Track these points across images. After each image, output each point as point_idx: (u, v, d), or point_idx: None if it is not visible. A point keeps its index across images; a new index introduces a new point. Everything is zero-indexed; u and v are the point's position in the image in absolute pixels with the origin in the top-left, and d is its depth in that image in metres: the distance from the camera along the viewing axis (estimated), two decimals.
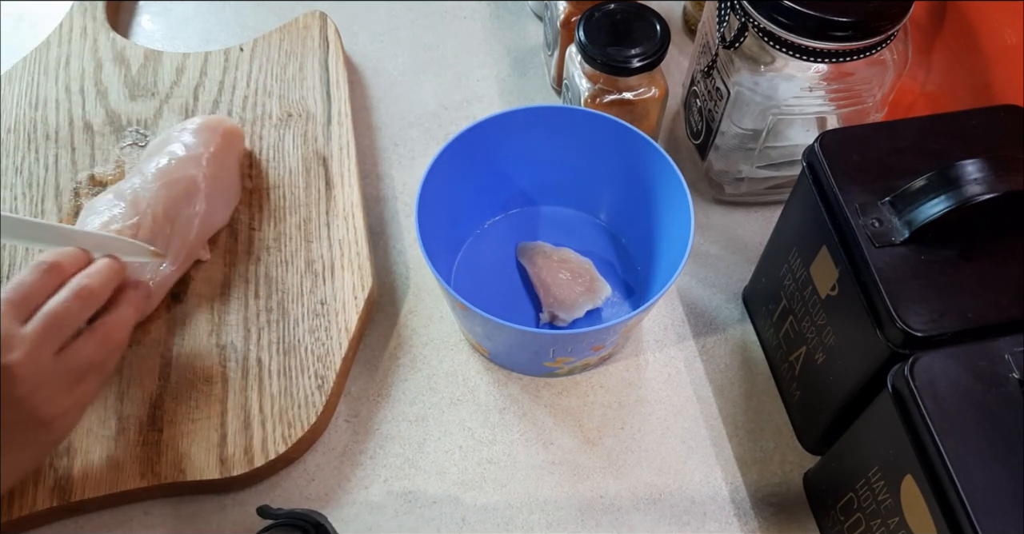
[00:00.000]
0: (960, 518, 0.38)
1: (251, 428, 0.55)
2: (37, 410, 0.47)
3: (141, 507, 0.55)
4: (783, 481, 0.57)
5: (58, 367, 0.48)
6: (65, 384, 0.48)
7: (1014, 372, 0.41)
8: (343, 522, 0.55)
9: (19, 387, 0.46)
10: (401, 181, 0.69)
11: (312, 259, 0.62)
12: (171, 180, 0.59)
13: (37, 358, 0.46)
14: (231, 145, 0.63)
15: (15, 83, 0.70)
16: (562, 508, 0.56)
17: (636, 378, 0.60)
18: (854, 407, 0.48)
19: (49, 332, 0.47)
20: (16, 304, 0.47)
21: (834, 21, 0.51)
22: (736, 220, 0.68)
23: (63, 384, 0.48)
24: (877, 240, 0.45)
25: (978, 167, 0.43)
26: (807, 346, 0.53)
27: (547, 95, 0.74)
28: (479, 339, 0.58)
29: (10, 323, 0.46)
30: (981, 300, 0.44)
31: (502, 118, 0.58)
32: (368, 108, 0.73)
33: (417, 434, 0.58)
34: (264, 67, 0.71)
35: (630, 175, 0.60)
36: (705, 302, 0.64)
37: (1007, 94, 0.55)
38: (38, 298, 0.48)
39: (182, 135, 0.62)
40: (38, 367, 0.47)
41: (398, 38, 0.78)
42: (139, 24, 0.79)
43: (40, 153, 0.66)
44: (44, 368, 0.47)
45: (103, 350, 0.50)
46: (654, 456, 0.57)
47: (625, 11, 0.60)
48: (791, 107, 0.58)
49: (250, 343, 0.58)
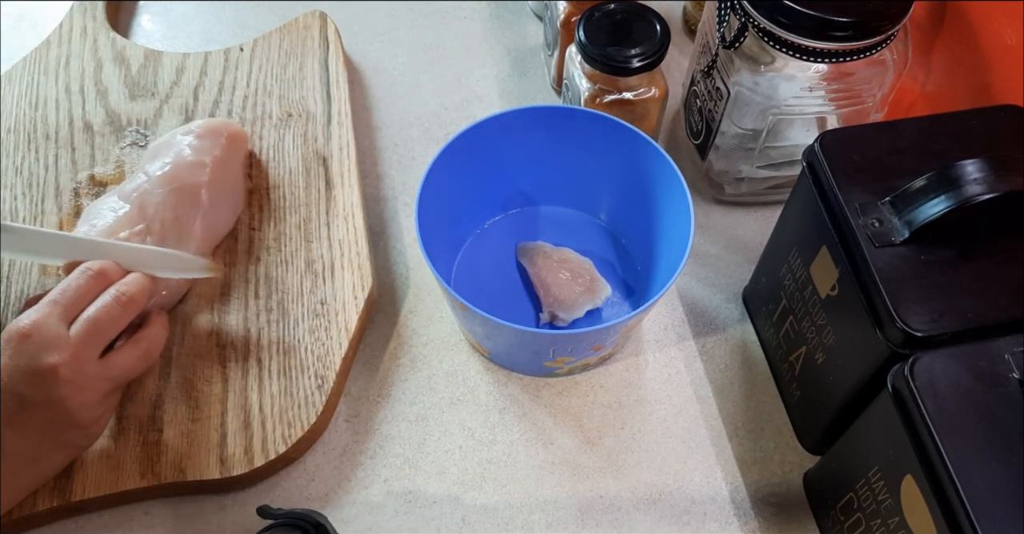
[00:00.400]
0: (960, 518, 0.38)
1: (251, 428, 0.55)
2: (75, 413, 0.48)
3: (141, 507, 0.55)
4: (783, 481, 0.57)
5: (100, 372, 0.50)
6: (103, 390, 0.50)
7: (1014, 372, 0.41)
8: (343, 522, 0.55)
9: (62, 388, 0.47)
10: (401, 181, 0.69)
11: (312, 259, 0.62)
12: (178, 186, 0.59)
13: (80, 361, 0.48)
14: (236, 149, 0.63)
15: (15, 83, 0.70)
16: (562, 508, 0.56)
17: (636, 378, 0.60)
18: (854, 407, 0.48)
19: (92, 336, 0.49)
20: (64, 306, 0.49)
21: (834, 21, 0.51)
22: (736, 220, 0.68)
23: (101, 390, 0.50)
24: (877, 240, 0.45)
25: (978, 167, 0.43)
26: (807, 346, 0.53)
27: (547, 95, 0.74)
28: (479, 339, 0.58)
29: (58, 325, 0.48)
30: (981, 300, 0.43)
31: (502, 118, 0.58)
32: (368, 108, 0.73)
33: (417, 434, 0.58)
34: (264, 67, 0.71)
35: (630, 175, 0.60)
36: (705, 302, 0.64)
37: (1007, 94, 0.55)
38: (83, 302, 0.50)
39: (187, 138, 0.62)
40: (81, 370, 0.48)
41: (398, 38, 0.78)
42: (139, 24, 0.79)
43: (40, 153, 0.66)
44: (87, 371, 0.49)
45: (143, 362, 0.52)
46: (654, 456, 0.57)
47: (625, 11, 0.60)
48: (791, 107, 0.58)
49: (250, 343, 0.58)
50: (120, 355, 0.51)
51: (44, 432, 0.48)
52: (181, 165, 0.60)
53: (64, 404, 0.48)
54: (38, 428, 0.48)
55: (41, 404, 0.47)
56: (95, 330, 0.49)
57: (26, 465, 0.49)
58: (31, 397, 0.47)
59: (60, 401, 0.48)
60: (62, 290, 0.50)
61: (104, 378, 0.50)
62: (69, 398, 0.48)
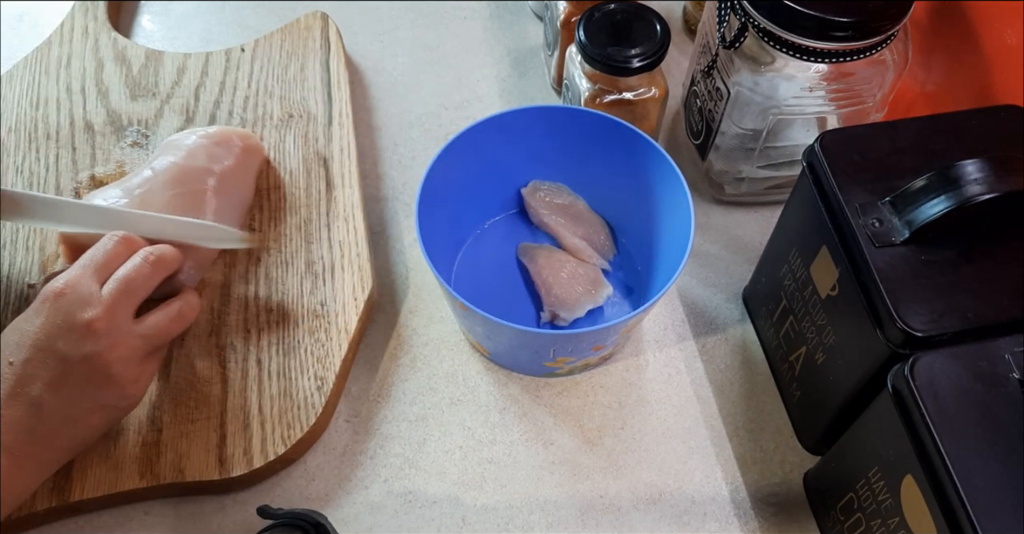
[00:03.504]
0: (960, 518, 0.38)
1: (250, 429, 0.55)
2: (111, 367, 0.50)
3: (141, 507, 0.55)
4: (783, 481, 0.57)
5: (136, 330, 0.51)
6: (139, 348, 0.51)
7: (1014, 372, 0.41)
8: (343, 522, 0.55)
9: (99, 342, 0.49)
10: (401, 181, 0.69)
11: (312, 260, 0.62)
12: (183, 191, 0.59)
13: (113, 316, 0.50)
14: (249, 161, 0.63)
15: (16, 82, 0.70)
16: (562, 508, 0.56)
17: (636, 378, 0.60)
18: (854, 407, 0.48)
19: (124, 293, 0.51)
20: (95, 268, 0.52)
21: (834, 21, 0.51)
22: (736, 220, 0.68)
23: (137, 348, 0.51)
24: (877, 240, 0.45)
25: (978, 167, 0.43)
26: (807, 346, 0.53)
27: (547, 95, 0.74)
28: (479, 339, 0.58)
29: (90, 284, 0.50)
30: (981, 300, 0.43)
31: (502, 118, 0.58)
32: (368, 108, 0.73)
33: (417, 434, 0.58)
34: (265, 68, 0.71)
35: (630, 175, 0.60)
36: (705, 302, 0.64)
37: (1007, 94, 0.55)
38: (112, 264, 0.52)
39: (203, 142, 0.61)
40: (115, 324, 0.50)
41: (398, 38, 0.78)
42: (140, 24, 0.79)
43: (41, 153, 0.66)
44: (121, 326, 0.50)
45: (177, 324, 0.54)
46: (654, 456, 0.57)
47: (625, 11, 0.60)
48: (791, 107, 0.58)
49: (250, 344, 0.58)
50: (154, 316, 0.53)
51: (83, 390, 0.49)
52: (190, 170, 0.60)
53: (101, 358, 0.49)
54: (77, 386, 0.49)
55: (78, 361, 0.49)
56: (126, 288, 0.51)
57: (64, 424, 0.50)
58: (68, 354, 0.48)
59: (96, 356, 0.49)
60: (91, 255, 0.52)
61: (139, 335, 0.51)
62: (105, 352, 0.49)
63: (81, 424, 0.50)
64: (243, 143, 0.63)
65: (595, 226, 0.64)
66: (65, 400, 0.49)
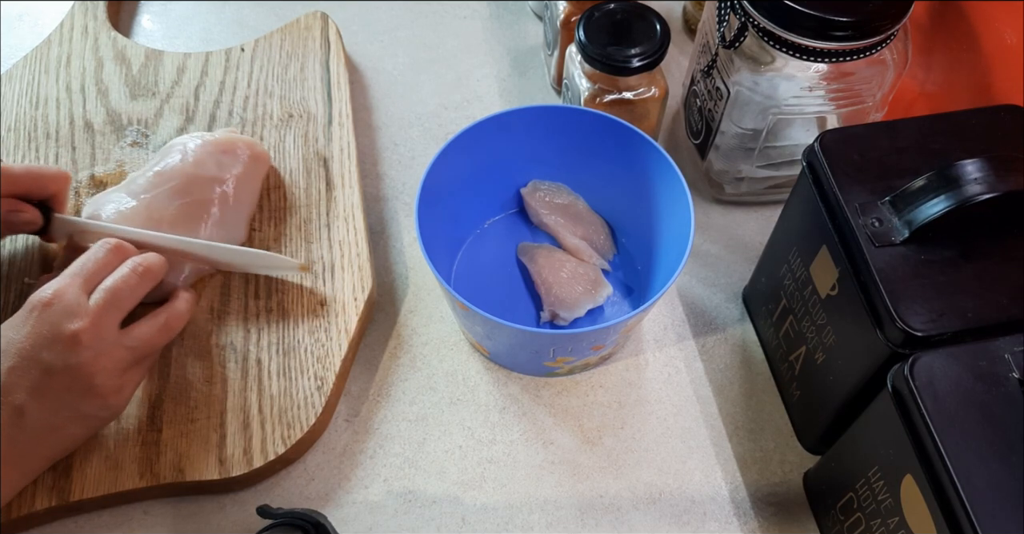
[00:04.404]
0: (960, 518, 0.38)
1: (250, 429, 0.55)
2: (94, 378, 0.50)
3: (141, 507, 0.55)
4: (783, 481, 0.57)
5: (121, 340, 0.51)
6: (123, 359, 0.51)
7: (1014, 372, 0.41)
8: (343, 522, 0.55)
9: (83, 353, 0.49)
10: (401, 181, 0.69)
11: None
12: (190, 200, 0.59)
13: (100, 327, 0.50)
14: (256, 170, 0.63)
15: (16, 82, 0.70)
16: (562, 508, 0.56)
17: (636, 378, 0.60)
18: (854, 407, 0.48)
19: (111, 304, 0.51)
20: (83, 277, 0.52)
21: (834, 21, 0.51)
22: (736, 220, 0.68)
23: (121, 358, 0.51)
24: (877, 240, 0.45)
25: (978, 167, 0.43)
26: (807, 346, 0.53)
27: (547, 95, 0.74)
28: (479, 339, 0.58)
29: (78, 293, 0.50)
30: (981, 300, 0.43)
31: (502, 118, 0.58)
32: (368, 108, 0.73)
33: (417, 434, 0.58)
34: (265, 67, 0.71)
35: (630, 175, 0.60)
36: (705, 302, 0.64)
37: (1007, 94, 0.55)
38: (102, 273, 0.53)
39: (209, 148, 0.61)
40: (101, 336, 0.50)
41: (398, 38, 0.78)
42: (140, 24, 0.79)
43: (40, 152, 0.66)
44: (106, 338, 0.50)
45: (162, 335, 0.54)
46: (654, 456, 0.57)
47: (625, 11, 0.60)
48: (791, 107, 0.58)
49: (250, 343, 0.58)
50: (140, 326, 0.53)
51: (64, 400, 0.49)
52: (199, 179, 0.60)
53: (84, 370, 0.49)
54: (58, 395, 0.49)
55: (62, 370, 0.49)
56: (113, 299, 0.51)
57: (45, 433, 0.50)
58: (52, 363, 0.49)
59: (80, 367, 0.49)
60: (81, 263, 0.53)
61: (124, 347, 0.51)
62: (89, 363, 0.49)
63: (62, 433, 0.51)
64: (251, 151, 0.63)
65: (595, 226, 0.64)
66: (47, 409, 0.49)
